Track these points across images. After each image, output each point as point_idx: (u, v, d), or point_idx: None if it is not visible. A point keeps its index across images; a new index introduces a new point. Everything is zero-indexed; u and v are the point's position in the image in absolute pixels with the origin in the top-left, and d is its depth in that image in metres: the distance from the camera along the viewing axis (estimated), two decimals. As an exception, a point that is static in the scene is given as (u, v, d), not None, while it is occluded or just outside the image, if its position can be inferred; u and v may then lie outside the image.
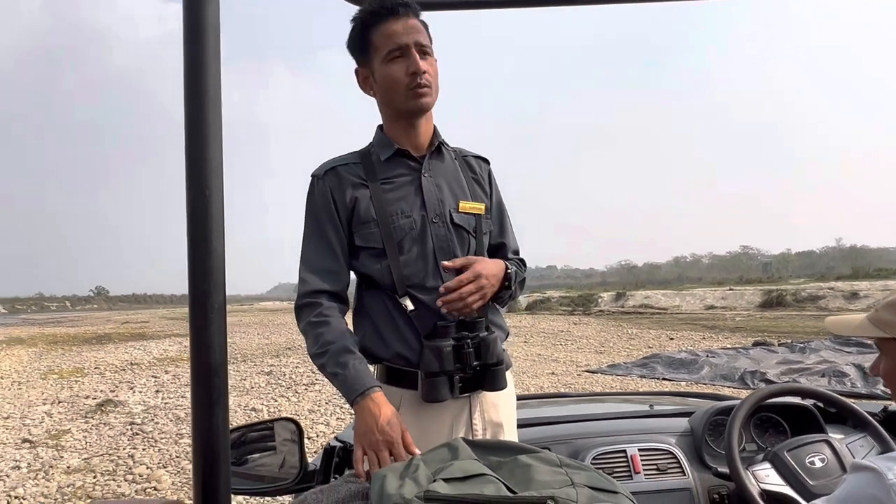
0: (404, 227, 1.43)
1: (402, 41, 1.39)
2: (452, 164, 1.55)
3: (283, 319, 33.63)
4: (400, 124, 1.49)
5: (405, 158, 1.49)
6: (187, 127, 0.78)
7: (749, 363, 10.60)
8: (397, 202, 1.45)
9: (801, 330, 17.60)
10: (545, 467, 1.01)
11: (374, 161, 1.49)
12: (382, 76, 1.43)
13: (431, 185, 1.48)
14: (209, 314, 0.77)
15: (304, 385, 10.15)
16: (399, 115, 1.48)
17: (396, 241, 1.43)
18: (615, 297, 39.23)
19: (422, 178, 1.48)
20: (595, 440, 1.74)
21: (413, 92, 1.41)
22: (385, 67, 1.42)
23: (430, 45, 1.44)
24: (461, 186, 1.53)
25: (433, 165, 1.51)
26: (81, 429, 7.53)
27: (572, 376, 10.48)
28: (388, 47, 1.40)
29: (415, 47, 1.40)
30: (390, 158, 1.48)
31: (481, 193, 1.57)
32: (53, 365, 14.71)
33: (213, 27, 0.80)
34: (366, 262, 1.46)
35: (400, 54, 1.40)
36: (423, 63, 1.40)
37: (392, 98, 1.45)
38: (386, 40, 1.40)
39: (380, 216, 1.43)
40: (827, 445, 1.58)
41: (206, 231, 0.77)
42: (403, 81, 1.40)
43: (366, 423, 1.26)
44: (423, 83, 1.40)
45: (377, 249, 1.44)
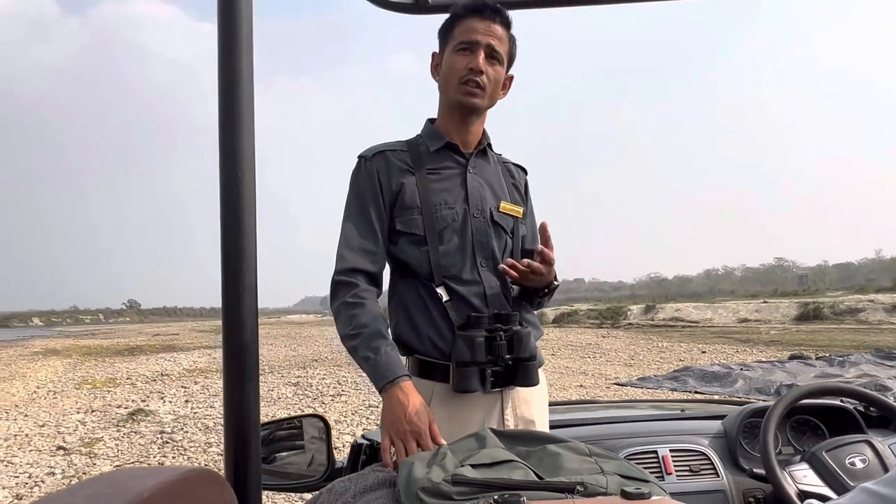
0: (446, 217, 1.46)
1: (475, 38, 1.44)
2: (495, 167, 1.59)
3: (310, 332, 33.92)
4: (453, 119, 1.52)
5: (453, 153, 1.53)
6: (221, 116, 0.80)
7: (785, 376, 10.31)
8: (442, 193, 1.47)
9: (839, 343, 17.12)
10: (574, 456, 0.99)
11: (423, 151, 1.52)
12: (446, 64, 1.49)
13: (475, 182, 1.51)
14: (241, 293, 0.78)
15: (330, 396, 10.19)
16: (452, 108, 1.51)
17: (437, 230, 1.44)
18: (644, 309, 38.66)
19: (467, 173, 1.51)
20: (625, 440, 1.70)
21: (464, 87, 1.45)
22: (451, 56, 1.47)
23: (502, 54, 1.47)
24: (502, 188, 1.56)
25: (478, 164, 1.55)
26: (113, 437, 7.66)
27: (601, 389, 10.33)
28: (460, 39, 1.45)
29: (484, 48, 1.44)
30: (439, 150, 1.52)
31: (519, 199, 1.60)
32: (87, 375, 15.03)
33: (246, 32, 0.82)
34: (405, 247, 1.47)
35: (467, 48, 1.45)
36: (485, 64, 1.44)
37: (446, 87, 1.50)
38: (462, 33, 1.46)
39: (424, 204, 1.45)
40: (868, 446, 1.52)
41: (237, 210, 0.78)
42: (459, 73, 1.45)
43: (394, 413, 1.26)
44: (477, 81, 1.44)
45: (418, 236, 1.45)
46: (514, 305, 1.49)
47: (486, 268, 1.47)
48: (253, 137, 0.80)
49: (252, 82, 0.82)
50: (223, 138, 0.78)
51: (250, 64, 0.82)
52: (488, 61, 1.45)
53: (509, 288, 1.51)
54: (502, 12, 1.47)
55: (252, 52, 0.82)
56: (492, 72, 1.46)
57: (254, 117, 0.82)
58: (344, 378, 12.37)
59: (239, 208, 0.78)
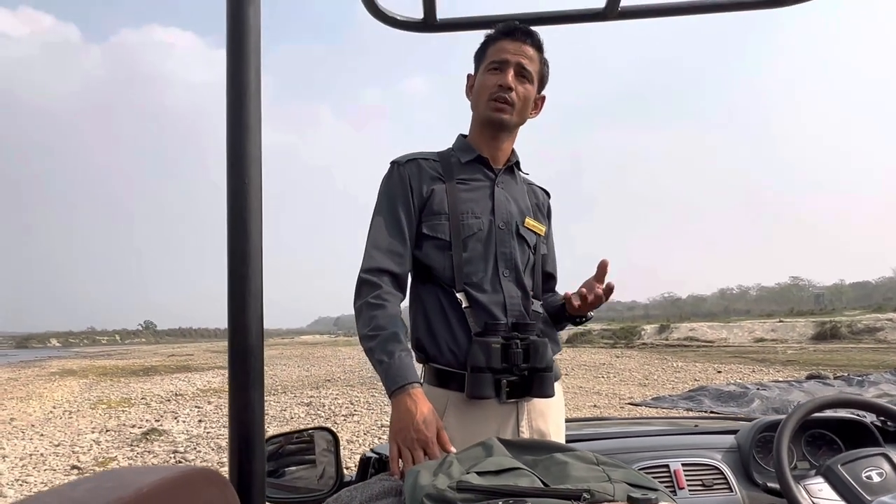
0: (472, 226, 1.48)
1: (505, 57, 1.50)
2: (521, 186, 1.63)
3: (323, 352, 33.89)
4: (484, 135, 1.57)
5: (483, 166, 1.57)
6: (229, 126, 0.82)
7: (803, 396, 10.13)
8: (469, 202, 1.51)
9: (858, 363, 16.82)
10: (581, 464, 0.99)
11: (454, 163, 1.56)
12: (478, 82, 1.55)
13: (503, 196, 1.55)
14: (247, 298, 0.79)
15: (342, 416, 10.15)
16: (482, 124, 1.56)
17: (463, 237, 1.47)
18: (659, 329, 38.28)
19: (495, 187, 1.55)
20: (637, 455, 1.68)
21: (493, 103, 1.50)
22: (483, 76, 1.53)
23: (532, 73, 1.52)
24: (527, 206, 1.60)
25: (506, 180, 1.59)
26: (127, 456, 7.67)
27: (615, 409, 10.19)
28: (492, 59, 1.51)
29: (514, 66, 1.49)
30: (469, 162, 1.56)
31: (542, 219, 1.64)
32: (103, 395, 15.12)
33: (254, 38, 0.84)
34: (429, 251, 1.49)
35: (498, 67, 1.50)
36: (515, 82, 1.49)
37: (476, 104, 1.55)
38: (494, 53, 1.52)
39: (451, 211, 1.48)
40: (885, 459, 1.49)
41: (244, 216, 0.80)
42: (490, 90, 1.50)
43: (402, 420, 1.26)
44: (505, 98, 1.49)
45: (443, 241, 1.48)
46: (532, 317, 1.50)
47: (508, 278, 1.49)
48: (260, 143, 0.83)
49: (259, 96, 0.84)
50: (231, 144, 0.81)
51: (258, 78, 0.84)
52: (518, 79, 1.50)
53: (530, 300, 1.53)
54: (533, 34, 1.52)
55: (259, 66, 0.84)
56: (521, 89, 1.51)
57: (260, 128, 0.84)
58: (356, 398, 12.33)
59: (246, 213, 0.80)
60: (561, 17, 1.83)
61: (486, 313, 1.44)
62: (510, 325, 1.42)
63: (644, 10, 1.75)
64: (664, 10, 1.75)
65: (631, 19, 1.77)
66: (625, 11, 1.70)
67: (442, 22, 1.64)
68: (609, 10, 1.67)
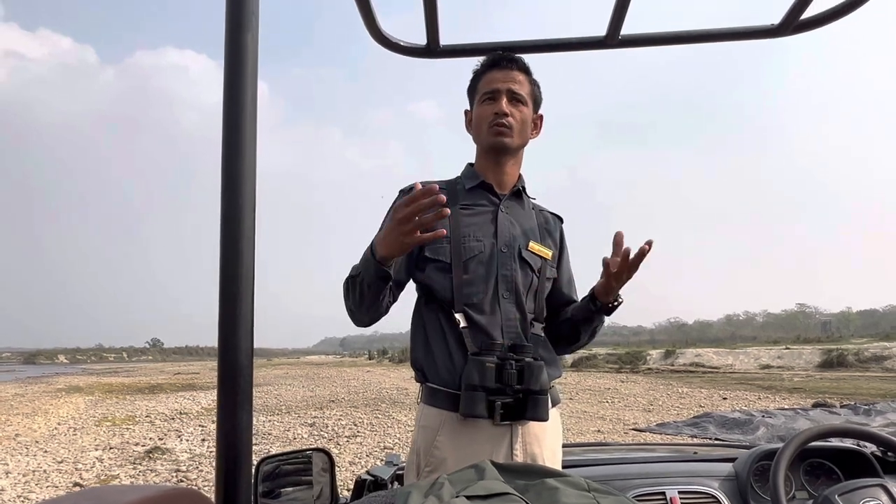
0: (474, 248, 1.51)
1: (496, 86, 1.56)
2: (529, 211, 1.66)
3: (328, 373, 33.77)
4: (488, 161, 1.61)
5: (487, 192, 1.60)
6: (224, 144, 0.84)
7: (808, 424, 9.94)
8: (472, 226, 1.54)
9: (865, 391, 16.59)
10: (572, 490, 0.99)
11: (459, 189, 1.60)
12: (475, 115, 1.60)
13: (506, 220, 1.58)
14: (238, 317, 0.81)
15: (345, 437, 10.08)
16: (486, 152, 1.61)
17: (463, 259, 1.50)
18: (664, 354, 37.91)
19: (499, 212, 1.58)
20: (634, 482, 1.67)
21: (493, 129, 1.55)
22: (479, 108, 1.59)
23: (524, 95, 1.57)
24: (533, 230, 1.62)
25: (511, 205, 1.62)
26: (129, 474, 7.63)
27: (619, 434, 10.08)
28: (484, 91, 1.57)
29: (506, 93, 1.55)
30: (474, 188, 1.60)
31: (550, 244, 1.65)
32: (108, 412, 15.10)
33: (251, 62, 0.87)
34: (431, 274, 1.53)
35: (491, 97, 1.56)
36: (509, 107, 1.54)
37: (478, 134, 1.60)
38: (485, 85, 1.58)
39: (453, 234, 1.51)
40: (883, 491, 1.47)
41: (237, 236, 0.82)
42: (487, 119, 1.56)
43: (385, 235, 1.31)
44: (503, 123, 1.54)
45: (444, 263, 1.51)
46: (529, 339, 1.51)
47: (508, 300, 1.51)
48: (254, 164, 0.85)
49: (255, 119, 0.86)
50: (226, 166, 0.83)
51: (254, 101, 0.86)
52: (512, 104, 1.55)
53: (529, 322, 1.54)
54: (518, 60, 1.57)
55: (256, 90, 0.87)
56: (517, 113, 1.56)
57: (255, 150, 0.86)
58: (360, 419, 12.26)
59: (238, 234, 0.81)
60: (563, 44, 1.86)
61: (483, 334, 1.46)
62: (507, 346, 1.43)
63: (644, 38, 1.78)
64: (663, 39, 1.78)
65: (631, 47, 1.81)
66: (625, 40, 1.73)
67: (445, 48, 1.67)
68: (610, 38, 1.71)
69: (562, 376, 1.62)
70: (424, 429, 1.46)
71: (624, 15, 1.64)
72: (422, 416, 1.48)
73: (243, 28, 0.88)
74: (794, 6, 1.53)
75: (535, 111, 1.62)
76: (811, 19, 1.67)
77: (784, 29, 1.68)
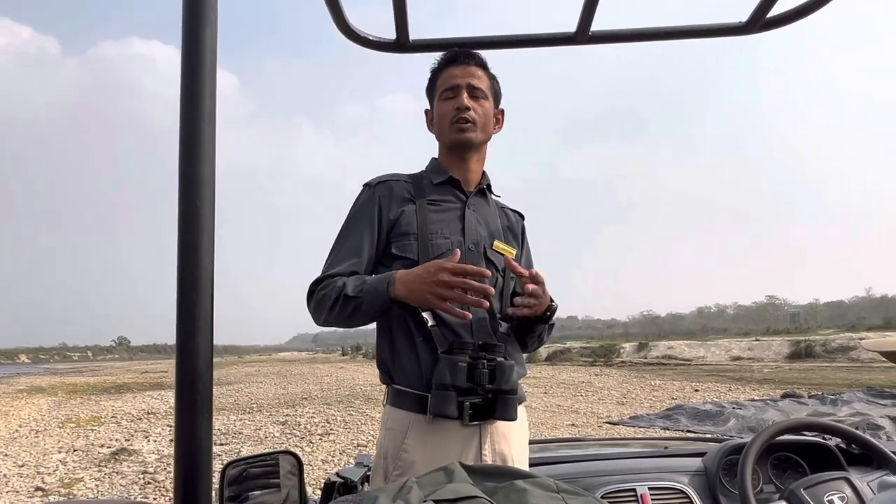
0: (441, 246, 1.49)
1: (455, 82, 1.55)
2: (493, 209, 1.65)
3: (301, 370, 33.54)
4: (452, 157, 1.60)
5: (454, 188, 1.59)
6: (182, 142, 0.81)
7: (778, 415, 10.24)
8: (439, 223, 1.52)
9: (832, 381, 17.06)
10: (541, 492, 0.97)
11: (426, 184, 1.58)
12: (436, 113, 1.59)
13: (473, 218, 1.57)
14: (196, 322, 0.78)
15: (318, 435, 10.01)
16: (450, 149, 1.59)
17: (431, 257, 1.47)
18: (637, 347, 38.53)
19: (466, 209, 1.56)
20: (604, 478, 1.68)
21: (455, 126, 1.54)
22: (439, 105, 1.58)
23: (484, 90, 1.56)
24: (497, 229, 1.61)
25: (477, 202, 1.61)
26: (94, 477, 7.46)
27: (593, 428, 10.20)
28: (443, 88, 1.57)
29: (466, 88, 1.54)
30: (441, 184, 1.58)
31: (513, 242, 1.65)
32: (71, 414, 14.74)
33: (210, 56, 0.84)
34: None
35: (451, 94, 1.55)
36: (471, 101, 1.53)
37: (440, 131, 1.59)
38: (443, 82, 1.57)
39: (420, 231, 1.50)
40: (847, 483, 1.50)
41: (195, 239, 0.78)
42: (449, 115, 1.54)
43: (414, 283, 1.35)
44: (465, 118, 1.53)
45: (412, 261, 1.48)
46: (499, 338, 1.50)
47: None
48: (213, 165, 0.81)
49: (214, 117, 0.83)
50: (183, 166, 0.79)
51: (213, 97, 0.83)
52: (473, 98, 1.54)
53: (497, 321, 1.52)
54: (476, 55, 1.57)
55: (214, 85, 0.83)
56: (478, 107, 1.55)
57: (214, 144, 0.83)
58: (333, 417, 12.18)
59: (197, 236, 0.78)
60: (532, 40, 1.85)
61: (452, 333, 1.43)
62: (477, 344, 1.41)
63: (614, 35, 1.77)
64: (632, 35, 1.77)
65: (601, 44, 1.81)
66: (595, 36, 1.73)
67: (415, 43, 1.65)
68: (579, 34, 1.70)
69: (526, 374, 1.61)
70: (391, 431, 1.43)
71: (593, 12, 1.64)
72: (388, 419, 1.46)
73: (201, 20, 0.84)
74: (760, 4, 1.53)
75: (496, 105, 1.62)
76: (778, 17, 1.69)
77: (751, 27, 1.69)
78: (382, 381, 1.51)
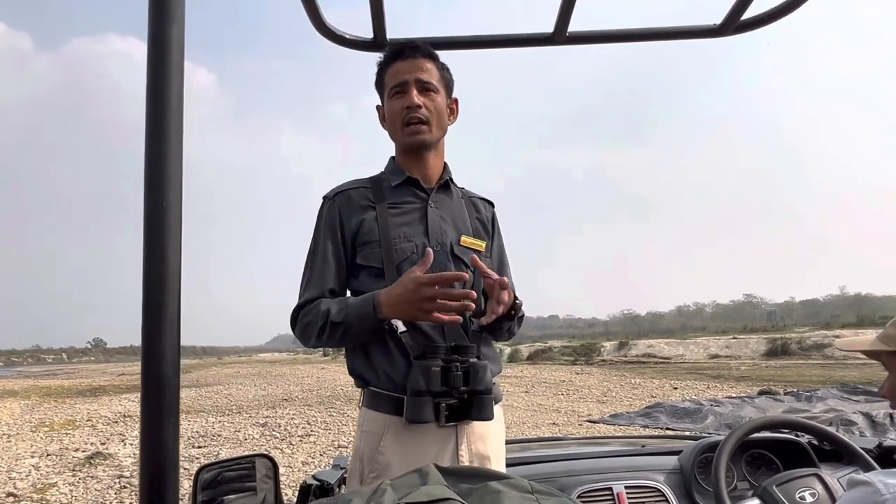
0: (405, 250, 1.47)
1: (402, 78, 1.50)
2: (458, 202, 1.61)
3: (281, 371, 33.28)
4: (409, 156, 1.56)
5: (414, 187, 1.55)
6: (147, 143, 0.79)
7: (755, 412, 10.39)
8: (401, 227, 1.49)
9: (807, 379, 17.34)
10: (515, 493, 0.97)
11: (385, 187, 1.55)
12: (388, 111, 1.55)
13: (436, 216, 1.53)
14: (163, 325, 0.76)
15: (298, 437, 9.93)
16: (405, 149, 1.56)
17: (396, 263, 1.45)
18: (618, 346, 38.79)
19: (428, 208, 1.53)
20: (580, 478, 1.69)
21: (408, 127, 1.50)
22: (389, 103, 1.53)
23: (434, 83, 1.51)
24: (465, 223, 1.58)
25: (440, 199, 1.57)
26: (68, 482, 7.32)
27: (574, 426, 10.26)
28: (391, 84, 1.51)
29: (414, 84, 1.49)
30: (400, 185, 1.54)
31: (483, 233, 1.62)
32: (45, 417, 14.44)
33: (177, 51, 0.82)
34: (365, 280, 1.48)
35: (400, 91, 1.50)
36: (420, 98, 1.48)
37: (393, 131, 1.55)
38: (391, 79, 1.52)
39: (383, 237, 1.47)
40: (818, 480, 1.53)
41: (161, 241, 0.77)
42: (400, 115, 1.50)
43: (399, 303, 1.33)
44: (417, 117, 1.48)
45: (377, 269, 1.46)
46: (472, 338, 1.48)
47: None
48: (181, 165, 0.80)
49: (181, 113, 0.81)
50: (149, 166, 0.78)
51: (180, 94, 0.82)
52: (423, 94, 1.50)
53: (468, 321, 1.51)
54: (422, 47, 1.52)
55: (182, 82, 0.82)
56: (430, 103, 1.50)
57: (182, 142, 0.81)
58: (314, 418, 12.10)
59: (163, 238, 0.77)
60: (510, 41, 1.85)
61: (424, 337, 1.42)
62: (449, 347, 1.41)
63: (591, 36, 1.79)
64: (609, 37, 1.79)
65: (578, 45, 1.82)
66: (572, 37, 1.74)
67: (392, 42, 1.64)
68: (557, 35, 1.71)
69: (501, 371, 1.60)
70: (368, 434, 1.42)
71: (570, 13, 1.65)
72: (365, 421, 1.44)
73: (168, 16, 0.82)
74: (734, 7, 1.55)
75: (448, 96, 1.57)
76: (751, 20, 1.71)
77: (725, 29, 1.71)
78: (357, 385, 1.49)
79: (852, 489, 0.98)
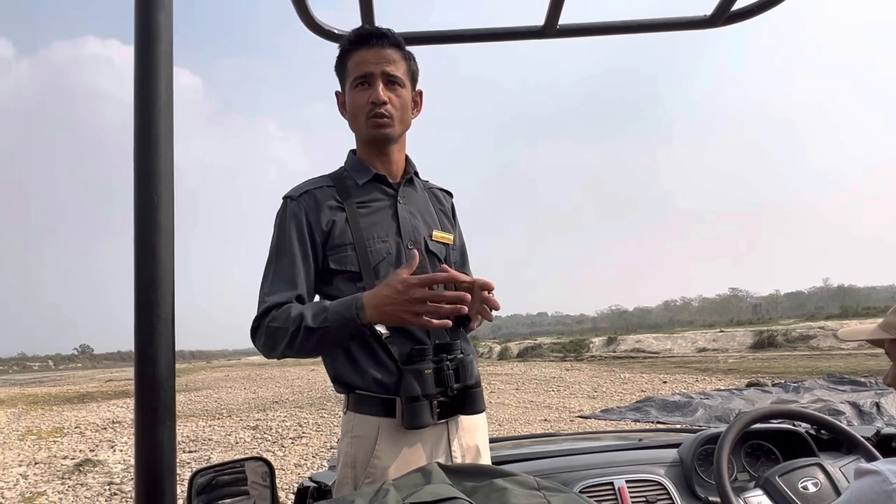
0: (381, 251, 1.42)
1: (368, 69, 1.42)
2: (423, 195, 1.57)
3: (271, 373, 33.12)
4: (372, 151, 1.50)
5: (381, 184, 1.49)
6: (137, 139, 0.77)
7: (743, 404, 10.48)
8: (374, 227, 1.44)
9: (793, 370, 17.53)
10: (521, 490, 0.96)
11: (350, 185, 1.48)
12: (349, 102, 1.47)
13: (406, 213, 1.48)
14: (156, 326, 0.73)
15: (290, 439, 9.88)
16: (367, 143, 1.50)
17: (373, 265, 1.41)
18: (607, 342, 39.02)
19: (397, 204, 1.48)
20: (581, 473, 1.68)
21: (372, 121, 1.43)
22: (352, 93, 1.46)
23: (401, 76, 1.45)
24: (432, 217, 1.54)
25: (407, 194, 1.52)
26: (57, 490, 7.23)
27: (565, 422, 10.29)
28: (355, 74, 1.44)
29: (381, 77, 1.42)
30: (367, 183, 1.48)
31: (448, 225, 1.59)
32: (32, 425, 14.24)
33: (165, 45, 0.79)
34: (340, 285, 1.42)
35: (364, 82, 1.43)
36: (387, 93, 1.42)
37: (356, 124, 1.48)
38: (355, 67, 1.44)
39: (357, 239, 1.41)
40: (820, 469, 1.52)
41: (153, 239, 0.74)
42: (364, 109, 1.43)
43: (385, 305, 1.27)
44: (382, 113, 1.42)
45: (353, 273, 1.41)
46: (452, 334, 1.46)
47: None
48: (171, 158, 0.77)
49: (171, 108, 0.79)
50: (139, 161, 0.75)
51: (169, 89, 0.79)
52: (389, 88, 1.43)
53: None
54: (389, 35, 1.45)
55: (171, 76, 0.79)
56: (395, 98, 1.44)
57: (172, 137, 0.79)
58: (305, 420, 12.04)
59: (155, 235, 0.74)
60: (501, 34, 1.84)
61: (409, 338, 1.38)
62: (435, 346, 1.38)
63: (581, 28, 1.78)
64: (601, 29, 1.78)
65: (569, 37, 1.80)
66: (563, 30, 1.73)
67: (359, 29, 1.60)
68: (548, 28, 1.69)
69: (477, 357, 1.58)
70: (359, 439, 1.36)
71: (561, 5, 1.63)
72: (353, 426, 1.38)
73: (155, 10, 0.80)
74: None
75: (413, 88, 1.51)
76: (741, 10, 1.71)
77: (715, 21, 1.71)
78: (340, 392, 1.43)
79: (860, 478, 0.98)
